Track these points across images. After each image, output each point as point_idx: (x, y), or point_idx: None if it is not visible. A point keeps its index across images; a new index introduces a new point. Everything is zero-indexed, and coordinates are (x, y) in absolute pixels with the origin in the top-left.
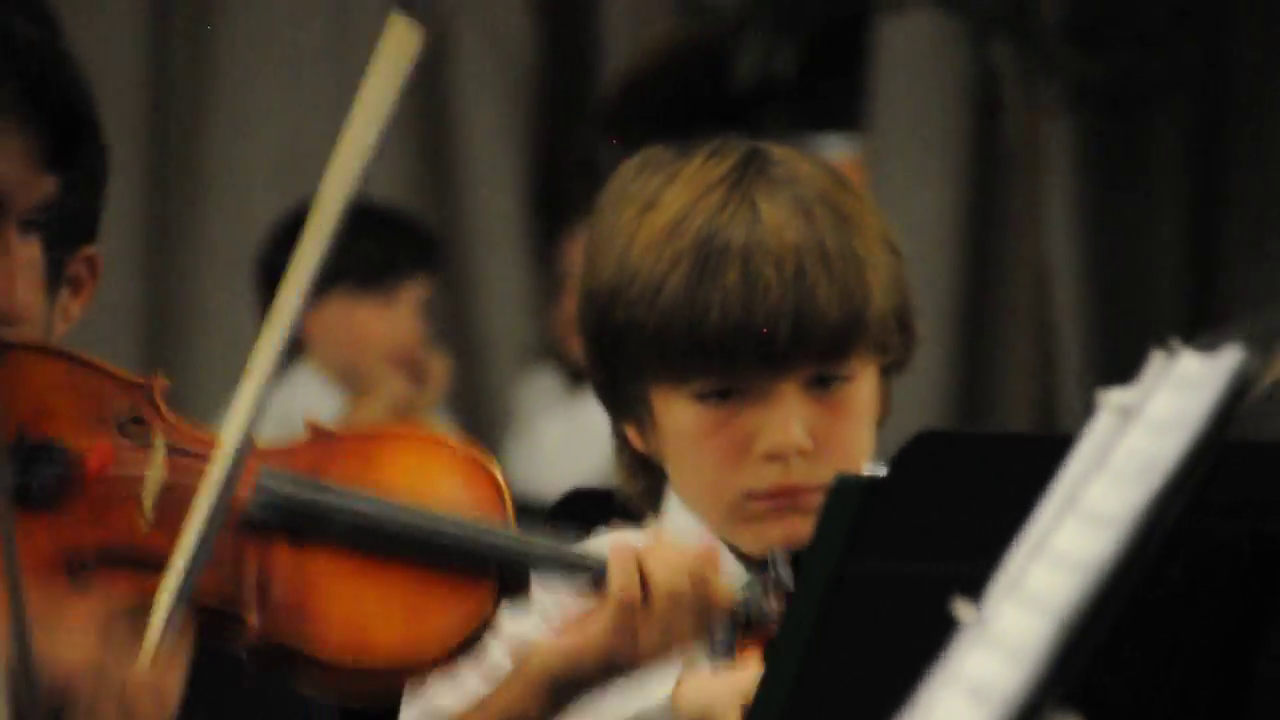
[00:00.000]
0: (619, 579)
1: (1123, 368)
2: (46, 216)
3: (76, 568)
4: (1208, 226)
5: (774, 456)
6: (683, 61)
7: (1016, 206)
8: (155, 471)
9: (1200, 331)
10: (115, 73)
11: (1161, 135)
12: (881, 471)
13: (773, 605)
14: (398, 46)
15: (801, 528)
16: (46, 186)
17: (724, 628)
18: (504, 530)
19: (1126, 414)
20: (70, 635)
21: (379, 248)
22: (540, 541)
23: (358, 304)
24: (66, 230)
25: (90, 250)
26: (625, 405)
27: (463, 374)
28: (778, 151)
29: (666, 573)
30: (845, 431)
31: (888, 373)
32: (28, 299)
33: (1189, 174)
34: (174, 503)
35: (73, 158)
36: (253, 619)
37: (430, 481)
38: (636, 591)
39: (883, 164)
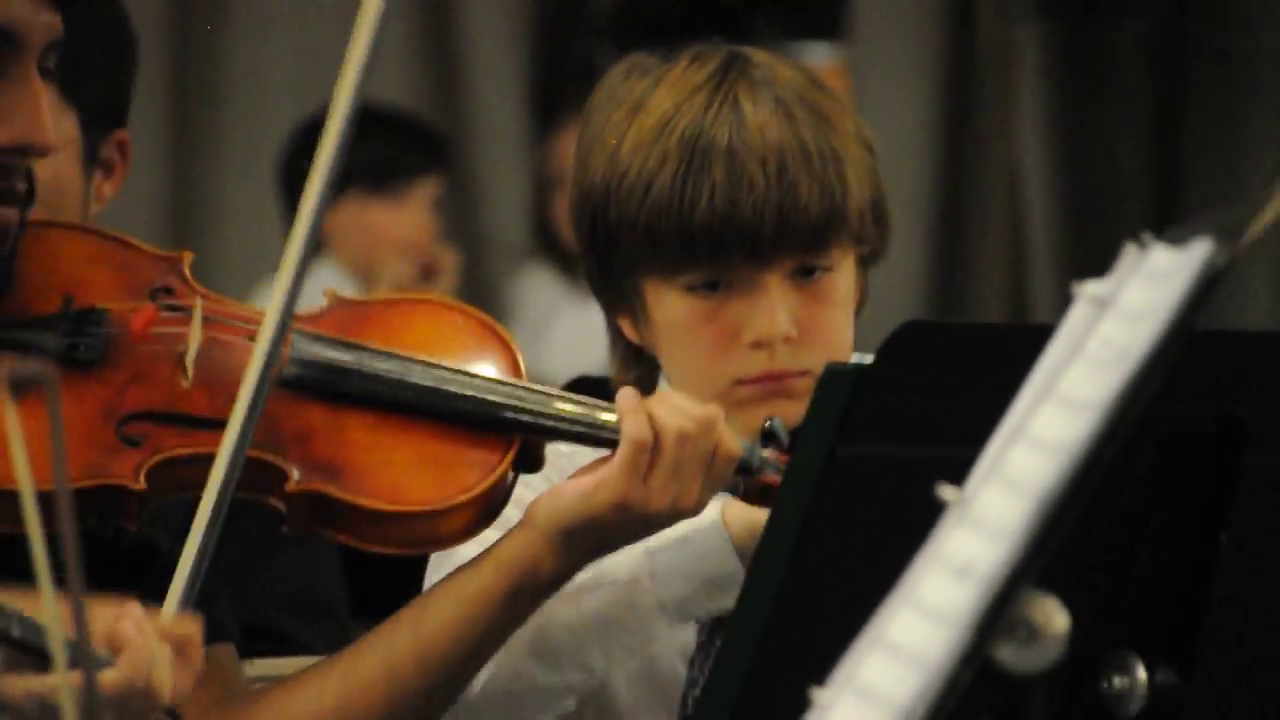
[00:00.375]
0: (631, 421)
1: (1090, 263)
2: (76, 81)
3: (124, 424)
4: (1171, 127)
5: (761, 344)
6: None
7: (989, 110)
8: (195, 332)
9: (1166, 226)
10: None
11: (1126, 41)
12: (869, 360)
13: (774, 459)
14: None
15: (788, 411)
16: (54, 22)
17: (730, 479)
18: (521, 386)
19: (1101, 304)
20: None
21: (389, 150)
22: (558, 396)
23: (370, 204)
24: (100, 113)
25: (121, 134)
26: (619, 298)
27: (469, 268)
28: (758, 55)
29: (675, 416)
30: (827, 319)
31: (866, 263)
32: (68, 172)
33: (1152, 78)
34: (211, 363)
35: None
36: (294, 471)
37: (448, 341)
38: (647, 432)
39: (863, 70)
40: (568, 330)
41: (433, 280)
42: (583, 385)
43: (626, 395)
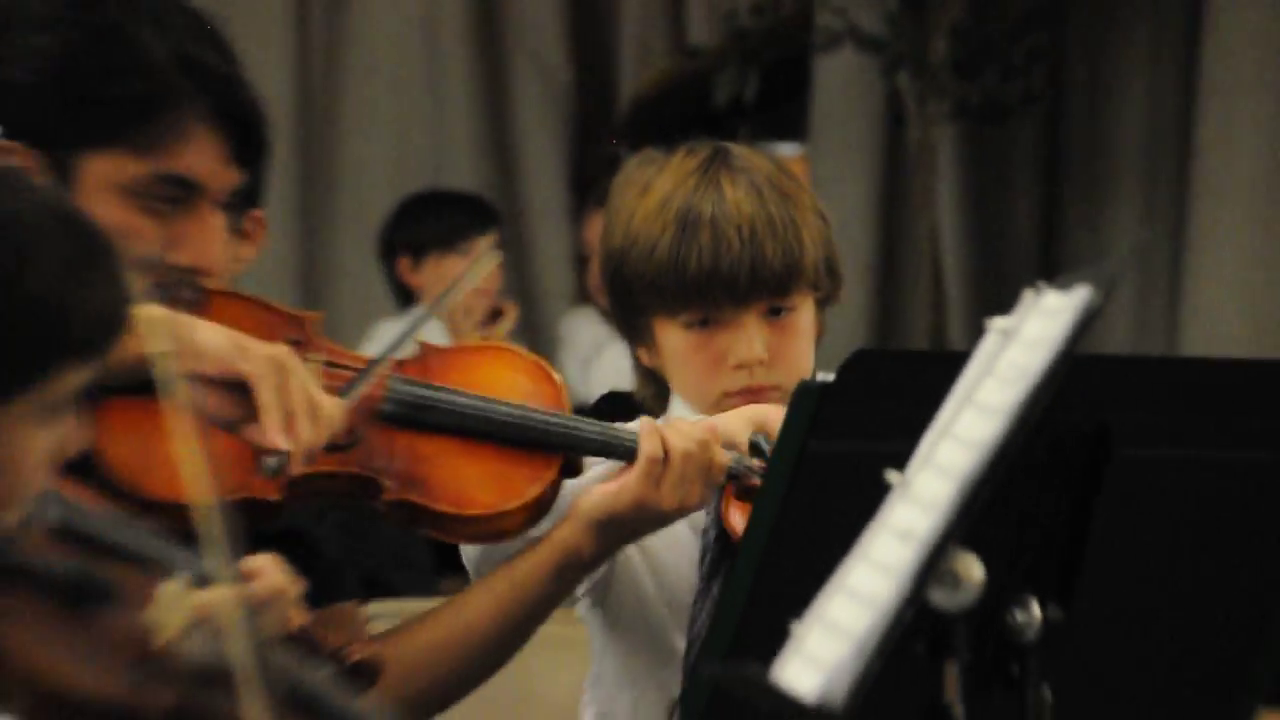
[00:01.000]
0: (647, 442)
1: (993, 307)
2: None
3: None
4: (1053, 205)
5: (741, 366)
6: (676, 88)
7: (916, 193)
8: (315, 378)
9: (1051, 278)
10: (269, 91)
11: (1019, 141)
12: (830, 378)
13: (757, 468)
14: None
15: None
16: (234, 177)
17: (720, 486)
18: (563, 417)
19: (1007, 335)
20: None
21: (456, 218)
22: (590, 424)
23: (447, 258)
24: (242, 197)
25: (257, 211)
26: (636, 334)
27: (525, 313)
28: (737, 149)
29: (681, 439)
30: (792, 347)
31: (821, 305)
32: (220, 255)
33: (1039, 167)
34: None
35: (251, 155)
36: (389, 484)
37: (509, 379)
38: (660, 451)
39: (820, 163)
40: (611, 359)
41: (498, 322)
42: (613, 397)
43: (645, 422)
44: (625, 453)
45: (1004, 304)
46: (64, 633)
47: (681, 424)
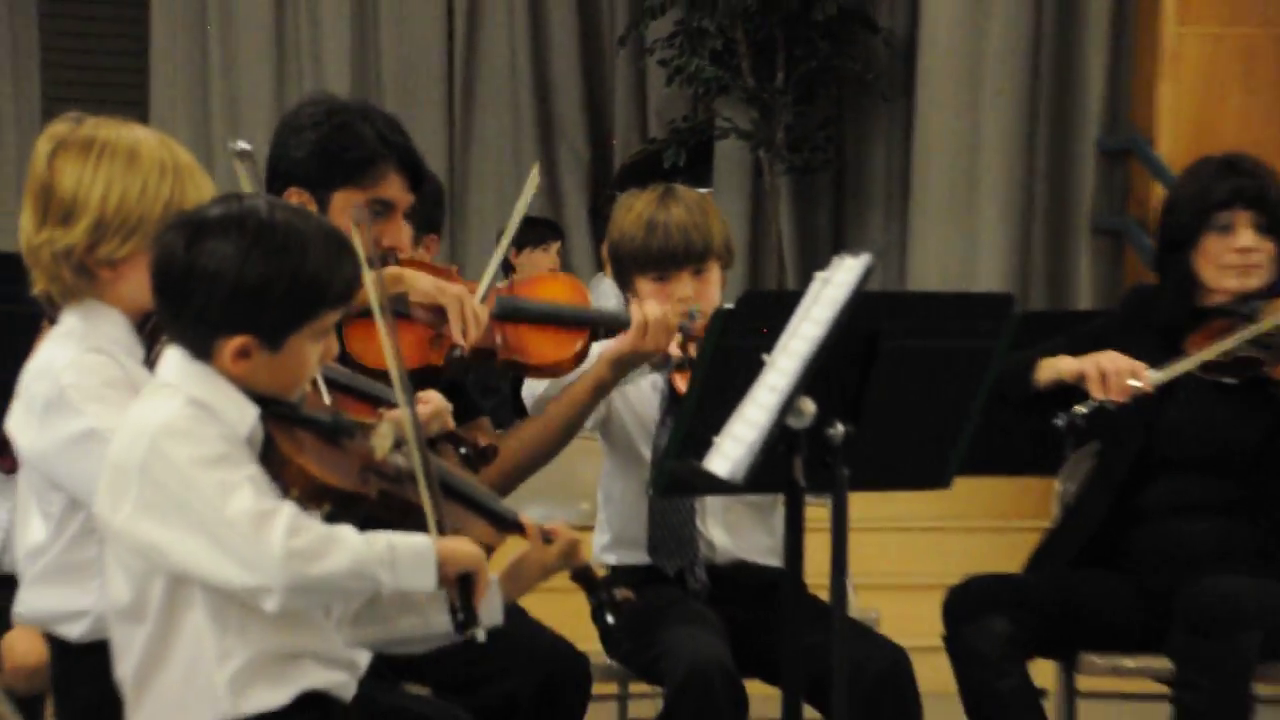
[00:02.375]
0: (636, 315)
1: (811, 268)
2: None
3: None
4: (840, 219)
5: (683, 301)
6: (644, 159)
7: (769, 213)
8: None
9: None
10: (426, 150)
11: (820, 183)
12: (730, 306)
13: (691, 326)
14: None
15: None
16: (411, 199)
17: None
18: (589, 309)
19: (825, 280)
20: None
21: (545, 230)
22: (605, 312)
23: (536, 252)
24: (420, 227)
25: (434, 236)
26: (627, 285)
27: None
28: (676, 187)
29: (655, 313)
30: (708, 291)
31: (724, 269)
32: (406, 242)
33: (833, 199)
34: None
35: (418, 186)
36: (501, 352)
37: (558, 291)
38: (643, 319)
39: (719, 197)
40: (614, 298)
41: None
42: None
43: (633, 307)
44: (624, 324)
45: (819, 266)
46: (325, 452)
47: (650, 309)
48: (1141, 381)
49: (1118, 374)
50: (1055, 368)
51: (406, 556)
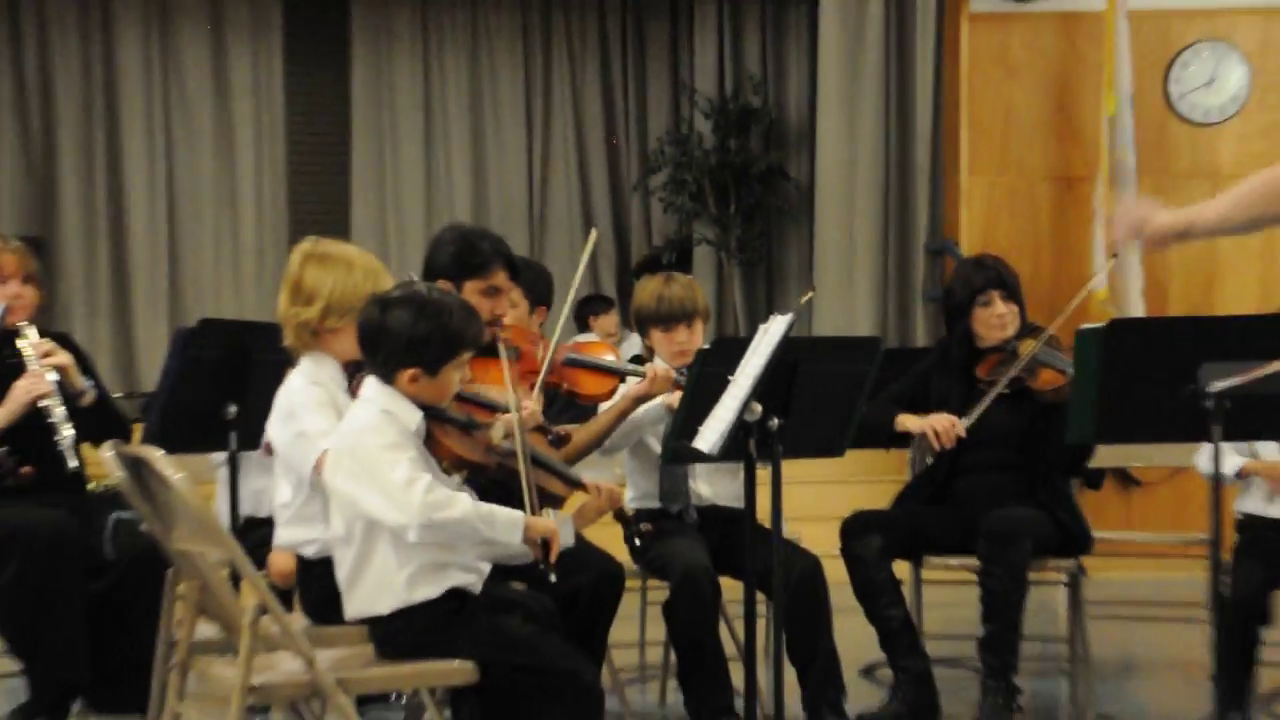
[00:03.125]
0: (648, 371)
1: (759, 318)
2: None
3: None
4: (774, 291)
5: (678, 346)
6: (653, 258)
7: (727, 285)
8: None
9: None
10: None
11: (753, 262)
12: (708, 347)
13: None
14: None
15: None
16: (513, 286)
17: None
18: (619, 363)
19: (764, 330)
20: None
21: (605, 303)
22: (630, 365)
23: (601, 316)
24: (534, 301)
25: (542, 308)
26: (645, 335)
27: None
28: (674, 274)
29: (660, 369)
30: (696, 338)
31: (704, 323)
32: (526, 319)
33: (769, 278)
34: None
35: (516, 276)
36: (588, 388)
37: (602, 351)
38: (653, 374)
39: (697, 281)
40: (636, 345)
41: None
42: (637, 358)
43: (648, 365)
44: (641, 374)
45: (760, 321)
46: (462, 439)
47: (658, 366)
48: (959, 430)
49: (946, 433)
50: (906, 425)
51: (502, 520)
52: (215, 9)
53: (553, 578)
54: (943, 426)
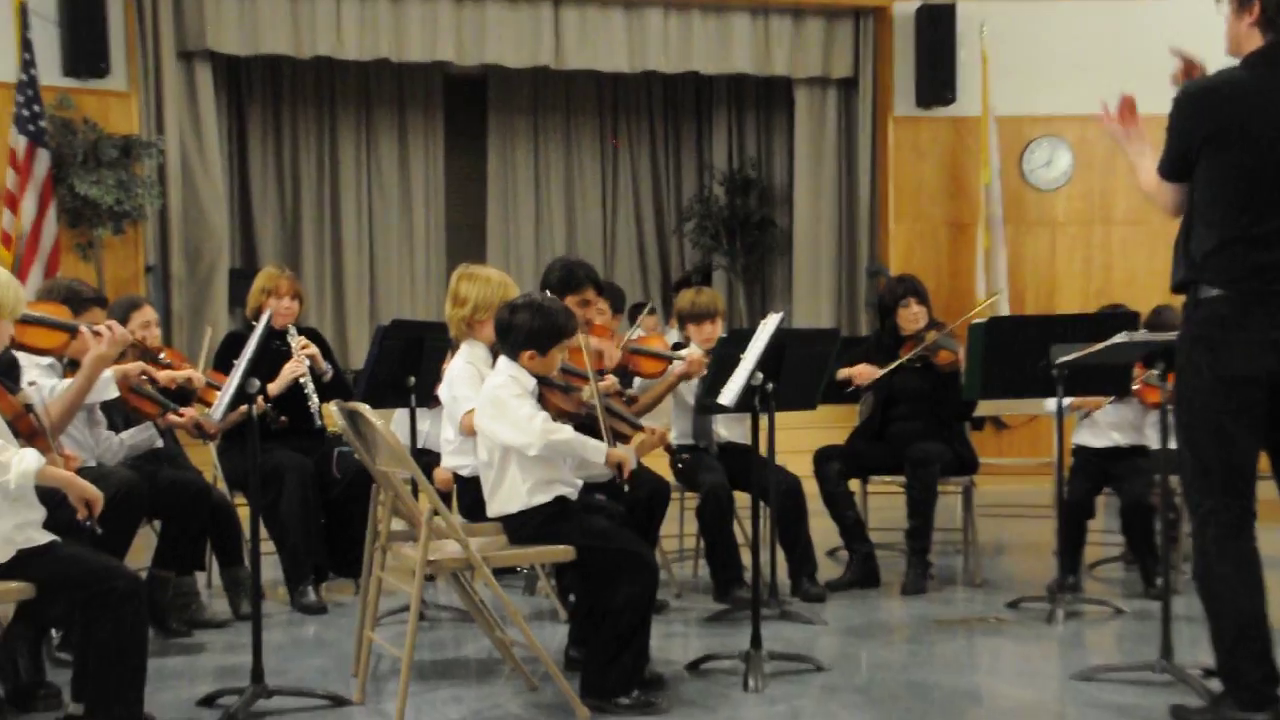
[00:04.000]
0: (689, 355)
1: (755, 318)
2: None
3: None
4: (768, 299)
5: (708, 336)
6: (687, 278)
7: (735, 296)
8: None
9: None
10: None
11: (756, 285)
12: (725, 335)
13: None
14: None
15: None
16: (599, 298)
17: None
18: (668, 351)
19: (764, 325)
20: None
21: (644, 307)
22: (674, 353)
23: (646, 316)
24: (615, 308)
25: (619, 314)
26: (682, 329)
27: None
28: (704, 288)
29: (696, 354)
30: (718, 330)
31: (724, 321)
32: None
33: (764, 290)
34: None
35: (602, 293)
36: (646, 368)
37: (656, 343)
38: (692, 357)
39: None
40: (675, 336)
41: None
42: (677, 344)
43: (687, 351)
44: (680, 359)
45: (760, 318)
46: (562, 398)
47: (695, 352)
48: (874, 374)
49: (861, 374)
50: (841, 374)
51: (593, 446)
52: (401, 119)
53: (627, 489)
54: (859, 371)
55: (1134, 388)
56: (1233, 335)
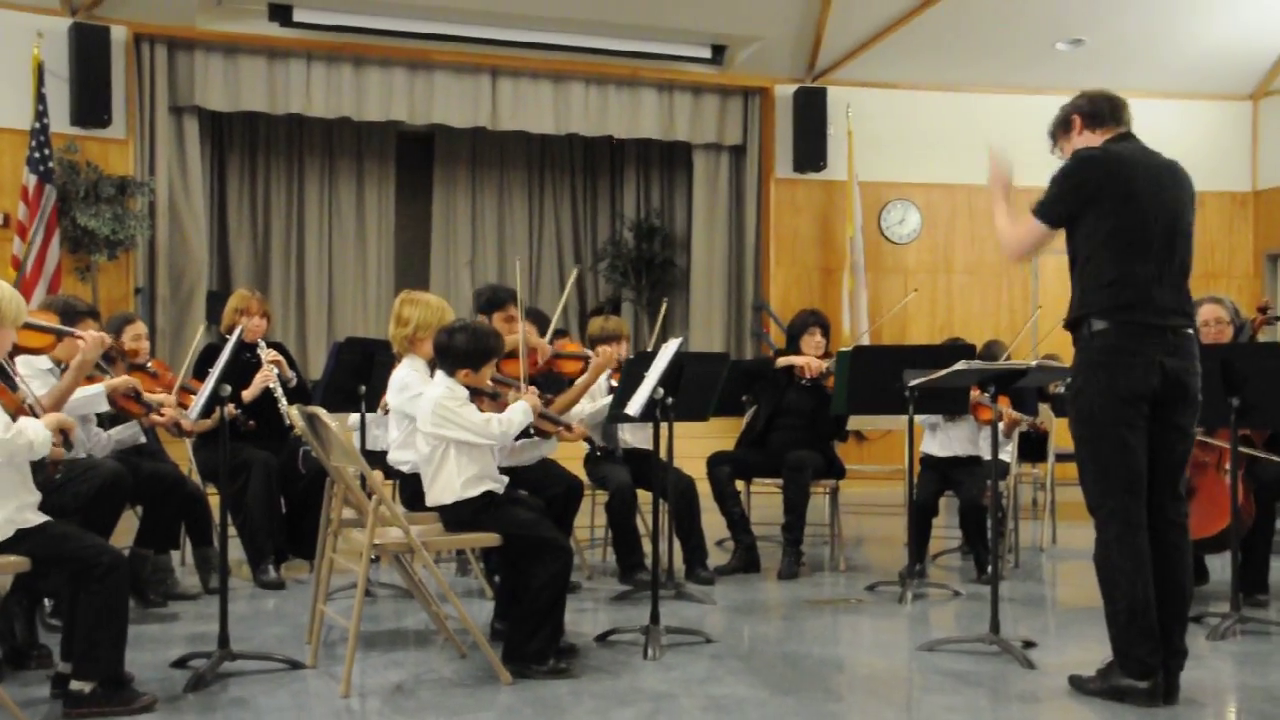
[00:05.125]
0: (599, 353)
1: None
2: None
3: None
4: (668, 327)
5: (617, 354)
6: (600, 308)
7: (640, 323)
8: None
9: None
10: None
11: (658, 314)
12: (631, 357)
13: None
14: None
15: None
16: (518, 315)
17: None
18: (581, 351)
19: (665, 346)
20: None
21: (564, 333)
22: (587, 353)
23: (562, 339)
24: (541, 329)
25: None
26: (593, 348)
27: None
28: (612, 317)
29: (607, 356)
30: (625, 352)
31: (629, 343)
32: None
33: (666, 319)
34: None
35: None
36: (566, 370)
37: (572, 348)
38: (602, 361)
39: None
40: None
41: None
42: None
43: (597, 349)
44: (591, 356)
45: (661, 342)
46: (491, 404)
47: (605, 349)
48: (822, 367)
49: (809, 365)
50: (783, 361)
51: (520, 413)
52: (360, 166)
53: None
54: (807, 362)
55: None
56: (1126, 360)
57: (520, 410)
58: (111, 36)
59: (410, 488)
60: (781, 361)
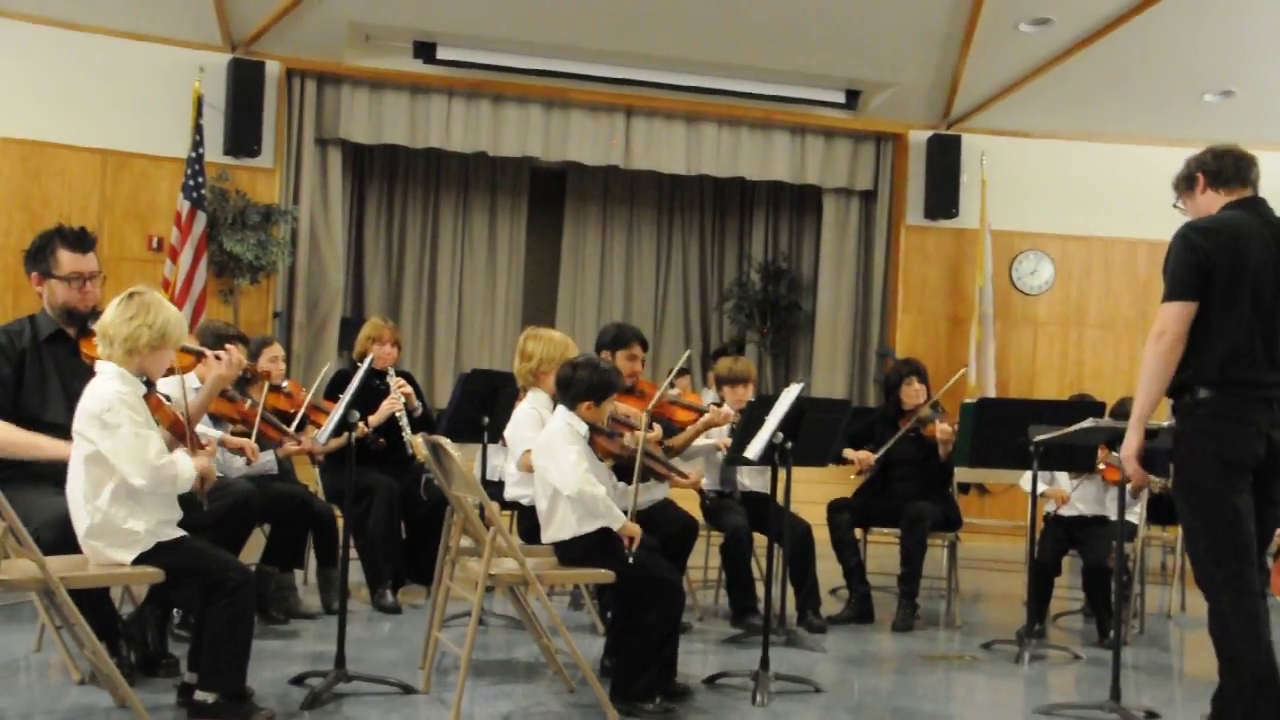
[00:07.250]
0: (714, 411)
1: (782, 382)
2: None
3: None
4: (792, 370)
5: (740, 399)
6: (725, 348)
7: (765, 367)
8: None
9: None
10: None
11: (782, 359)
12: (753, 400)
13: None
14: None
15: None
16: (642, 355)
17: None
18: (700, 404)
19: (787, 391)
20: None
21: (683, 373)
22: (705, 405)
23: (680, 379)
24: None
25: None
26: (719, 389)
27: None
28: (740, 357)
29: (727, 411)
30: (749, 394)
31: (755, 386)
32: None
33: (789, 364)
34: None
35: (647, 350)
36: (681, 418)
37: (692, 399)
38: (719, 414)
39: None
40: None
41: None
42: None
43: (713, 408)
44: (706, 410)
45: (785, 385)
46: (609, 441)
47: (725, 409)
48: (871, 459)
49: (861, 460)
50: (846, 455)
51: (614, 515)
52: (494, 200)
53: (631, 560)
54: (860, 457)
55: (1099, 467)
56: (1234, 428)
57: (615, 516)
58: (266, 71)
59: (528, 520)
60: (847, 454)
